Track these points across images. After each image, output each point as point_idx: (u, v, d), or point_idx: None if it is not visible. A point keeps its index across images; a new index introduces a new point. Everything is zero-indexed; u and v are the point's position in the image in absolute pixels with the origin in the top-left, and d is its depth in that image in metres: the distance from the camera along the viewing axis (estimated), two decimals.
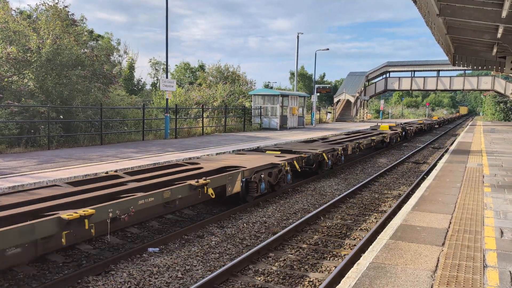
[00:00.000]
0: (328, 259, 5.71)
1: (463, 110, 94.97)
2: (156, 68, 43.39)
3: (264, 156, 10.34)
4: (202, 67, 45.83)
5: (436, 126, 40.55)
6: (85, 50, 17.05)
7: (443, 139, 27.19)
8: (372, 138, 16.91)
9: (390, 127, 22.97)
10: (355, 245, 6.16)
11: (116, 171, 8.51)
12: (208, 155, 12.35)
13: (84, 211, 4.71)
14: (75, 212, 4.67)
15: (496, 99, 50.70)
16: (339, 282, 3.94)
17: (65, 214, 4.58)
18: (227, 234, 6.61)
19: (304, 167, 10.76)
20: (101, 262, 5.22)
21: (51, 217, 4.55)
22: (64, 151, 12.82)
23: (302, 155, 10.60)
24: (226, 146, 15.15)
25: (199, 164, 8.83)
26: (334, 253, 5.93)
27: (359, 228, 7.14)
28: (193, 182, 6.63)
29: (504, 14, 9.06)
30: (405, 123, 33.21)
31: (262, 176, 8.44)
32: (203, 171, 8.03)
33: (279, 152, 11.18)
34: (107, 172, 7.91)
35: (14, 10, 18.47)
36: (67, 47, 15.54)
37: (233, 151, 13.34)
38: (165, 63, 20.79)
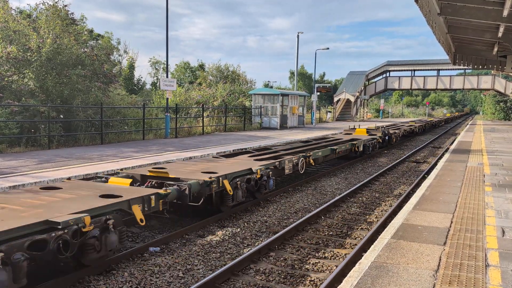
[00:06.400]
0: (329, 258, 5.70)
1: (467, 109, 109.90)
2: (156, 67, 43.44)
3: (360, 134, 17.49)
4: (202, 67, 45.83)
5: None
6: (85, 49, 17.03)
7: (443, 139, 27.19)
8: (410, 127, 25.04)
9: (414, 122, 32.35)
10: (356, 245, 6.15)
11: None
12: (208, 154, 12.35)
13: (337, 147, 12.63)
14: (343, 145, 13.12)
15: (496, 98, 50.68)
16: (341, 282, 3.94)
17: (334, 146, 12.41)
18: (228, 234, 6.60)
19: (381, 141, 17.52)
20: (102, 261, 5.21)
21: (330, 147, 12.19)
22: (65, 151, 12.81)
23: (381, 134, 17.47)
24: (226, 145, 15.14)
25: (337, 137, 16.68)
26: (335, 252, 5.92)
27: (360, 227, 7.13)
28: (352, 143, 14.23)
29: (505, 13, 9.06)
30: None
31: (369, 143, 15.71)
32: (343, 140, 14.88)
33: (367, 134, 17.55)
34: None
35: (14, 10, 18.48)
36: (67, 47, 15.52)
37: (233, 150, 13.33)
38: (165, 62, 20.78)
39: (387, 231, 5.35)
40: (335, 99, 45.25)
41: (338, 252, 5.91)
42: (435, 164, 13.61)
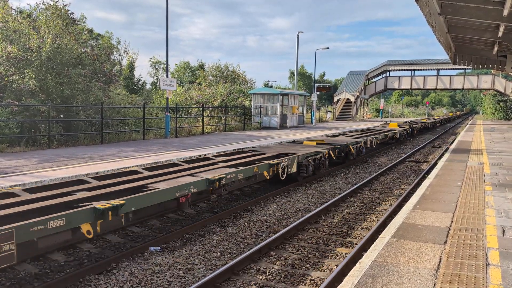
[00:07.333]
0: (329, 258, 5.71)
1: (466, 109, 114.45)
2: (156, 67, 43.31)
3: (394, 127, 22.65)
4: (202, 66, 45.79)
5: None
6: (85, 49, 17.02)
7: (442, 138, 27.20)
8: (424, 121, 32.39)
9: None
10: (356, 244, 6.15)
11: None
12: (208, 153, 12.35)
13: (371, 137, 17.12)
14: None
15: (496, 98, 50.64)
16: (341, 281, 3.94)
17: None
18: (228, 233, 6.61)
19: (408, 132, 23.56)
20: (102, 261, 5.22)
21: (384, 134, 18.94)
22: (65, 150, 12.82)
23: (408, 126, 23.80)
24: (226, 145, 15.14)
25: (379, 128, 22.09)
26: (335, 252, 5.93)
27: (360, 227, 7.14)
28: (394, 131, 20.52)
29: (505, 12, 9.06)
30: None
31: (402, 133, 21.43)
32: (386, 130, 20.39)
33: (398, 126, 22.79)
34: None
35: (14, 9, 18.47)
36: (67, 46, 15.51)
37: (233, 150, 13.32)
38: (165, 62, 20.77)
39: (388, 231, 5.36)
40: (335, 99, 45.23)
41: (338, 252, 5.92)
42: (435, 163, 13.61)
